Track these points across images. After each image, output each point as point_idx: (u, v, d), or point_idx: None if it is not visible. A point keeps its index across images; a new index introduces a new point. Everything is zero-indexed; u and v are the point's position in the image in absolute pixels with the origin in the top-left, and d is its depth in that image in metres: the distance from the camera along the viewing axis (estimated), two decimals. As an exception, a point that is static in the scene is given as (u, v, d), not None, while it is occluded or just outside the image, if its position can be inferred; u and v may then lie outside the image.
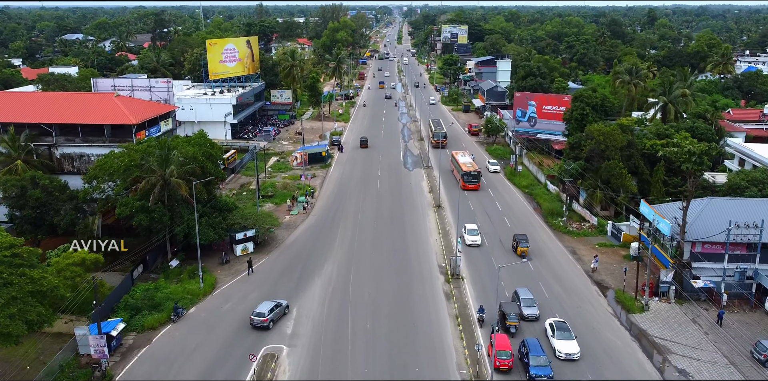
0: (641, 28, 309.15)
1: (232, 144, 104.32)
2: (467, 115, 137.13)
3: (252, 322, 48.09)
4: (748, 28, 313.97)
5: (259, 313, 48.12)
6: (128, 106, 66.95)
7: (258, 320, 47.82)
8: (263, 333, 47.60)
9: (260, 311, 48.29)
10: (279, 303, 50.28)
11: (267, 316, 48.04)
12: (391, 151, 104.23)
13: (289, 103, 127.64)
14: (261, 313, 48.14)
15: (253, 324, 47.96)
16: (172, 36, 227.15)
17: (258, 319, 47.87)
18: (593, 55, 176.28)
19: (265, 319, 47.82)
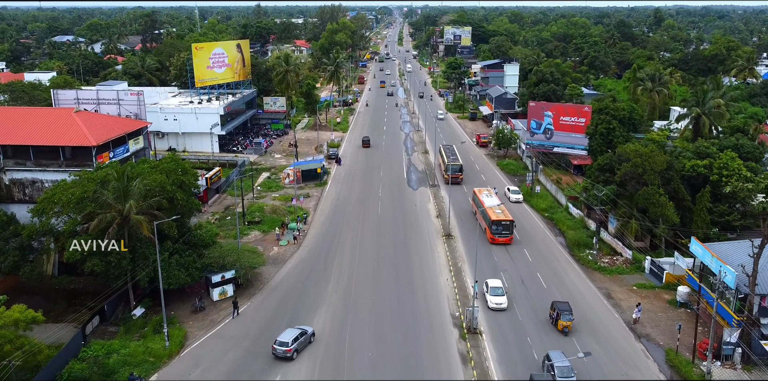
0: (648, 29, 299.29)
1: (219, 158, 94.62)
2: (474, 123, 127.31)
3: (274, 352, 43.68)
4: (757, 29, 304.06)
5: (282, 343, 43.64)
6: (89, 124, 57.24)
7: (281, 350, 43.42)
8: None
9: (283, 340, 43.79)
10: (304, 330, 45.75)
11: (291, 346, 43.56)
12: (393, 165, 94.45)
13: (283, 112, 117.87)
14: (284, 342, 43.65)
15: (276, 354, 43.60)
16: (165, 38, 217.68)
17: (281, 348, 43.43)
18: (605, 59, 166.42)
19: (288, 349, 43.41)
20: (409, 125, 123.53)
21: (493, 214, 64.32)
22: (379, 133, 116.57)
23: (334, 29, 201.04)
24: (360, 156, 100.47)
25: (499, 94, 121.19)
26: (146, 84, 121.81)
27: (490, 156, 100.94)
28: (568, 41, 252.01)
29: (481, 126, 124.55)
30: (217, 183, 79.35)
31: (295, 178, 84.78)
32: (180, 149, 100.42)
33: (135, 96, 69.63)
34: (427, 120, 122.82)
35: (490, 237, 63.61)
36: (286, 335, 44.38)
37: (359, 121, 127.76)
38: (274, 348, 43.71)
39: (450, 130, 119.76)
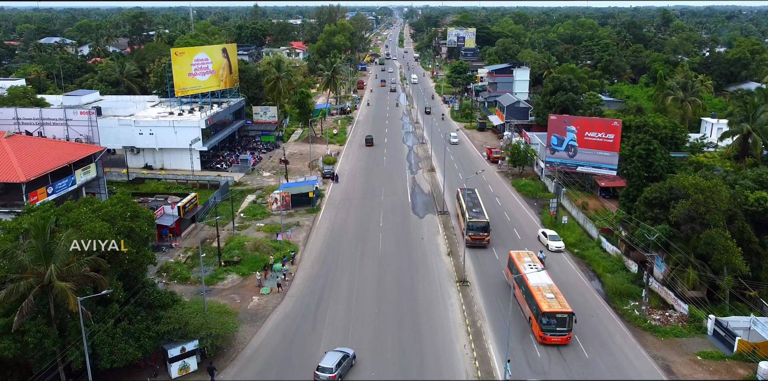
0: (656, 30, 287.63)
1: (200, 178, 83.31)
2: (483, 134, 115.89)
3: (317, 379, 39.99)
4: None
5: (325, 368, 40.03)
6: (23, 152, 46.08)
7: (325, 376, 39.75)
8: None
9: (326, 365, 40.15)
10: (346, 353, 41.89)
11: (335, 372, 39.79)
12: (395, 186, 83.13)
13: (275, 122, 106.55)
14: (327, 368, 40.01)
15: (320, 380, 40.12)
16: (156, 40, 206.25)
17: (324, 375, 39.80)
18: (620, 62, 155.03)
19: (333, 375, 39.68)
20: (412, 137, 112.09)
21: (543, 301, 45.10)
22: (380, 146, 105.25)
23: (332, 31, 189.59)
24: (359, 173, 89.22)
25: (510, 103, 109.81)
26: (125, 92, 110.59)
27: (503, 174, 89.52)
28: (575, 43, 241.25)
29: (491, 137, 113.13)
30: (193, 211, 68.01)
31: (284, 203, 73.59)
32: (157, 166, 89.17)
33: (86, 115, 58.19)
34: (435, 140, 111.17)
35: (539, 334, 44.71)
36: (328, 360, 40.55)
37: (358, 132, 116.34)
38: (316, 374, 39.93)
39: (458, 145, 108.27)
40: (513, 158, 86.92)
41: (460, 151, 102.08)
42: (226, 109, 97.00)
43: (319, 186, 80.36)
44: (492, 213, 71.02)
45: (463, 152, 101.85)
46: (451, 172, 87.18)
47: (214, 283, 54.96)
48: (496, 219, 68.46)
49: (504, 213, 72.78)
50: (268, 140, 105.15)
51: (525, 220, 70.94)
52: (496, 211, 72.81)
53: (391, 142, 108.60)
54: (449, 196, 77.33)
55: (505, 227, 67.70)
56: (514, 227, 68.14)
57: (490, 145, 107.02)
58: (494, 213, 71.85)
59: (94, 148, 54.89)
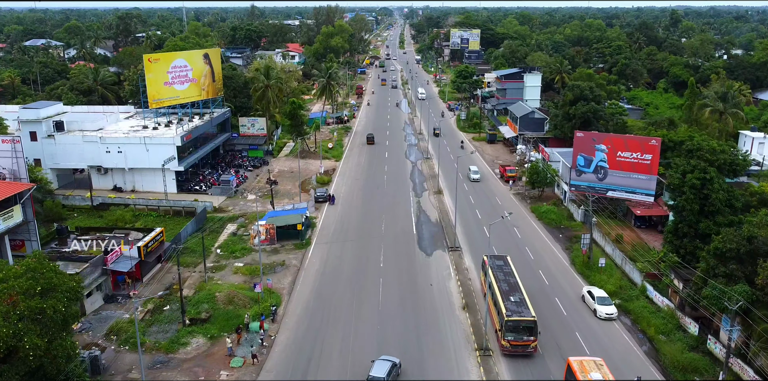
0: (665, 31, 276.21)
1: (175, 202, 72.13)
2: (493, 147, 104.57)
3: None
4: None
5: (377, 378, 38.34)
6: None
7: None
8: None
9: (378, 376, 38.55)
10: (393, 362, 40.27)
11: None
12: (398, 212, 71.94)
13: (263, 135, 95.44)
14: (379, 378, 38.35)
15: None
16: (145, 42, 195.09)
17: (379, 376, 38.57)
18: (637, 66, 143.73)
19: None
20: (416, 151, 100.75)
21: None
22: (381, 161, 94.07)
23: (330, 33, 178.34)
24: (356, 196, 78.03)
25: (524, 114, 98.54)
26: (98, 102, 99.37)
27: (520, 197, 78.27)
28: (583, 44, 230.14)
29: (503, 151, 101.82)
30: (159, 249, 56.88)
31: (268, 236, 62.49)
32: (128, 188, 78.04)
33: (9, 144, 46.90)
34: (442, 154, 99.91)
35: None
36: (379, 369, 39.16)
37: (356, 145, 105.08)
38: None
39: (468, 161, 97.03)
40: (532, 179, 75.68)
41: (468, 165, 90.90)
42: (207, 121, 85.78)
43: (310, 213, 69.25)
44: (511, 248, 60.00)
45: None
46: (461, 193, 75.91)
47: (174, 351, 43.79)
48: (516, 257, 57.34)
49: (526, 249, 61.61)
50: (256, 155, 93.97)
51: (552, 259, 59.72)
52: (515, 246, 61.74)
53: (393, 156, 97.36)
54: (461, 227, 66.01)
55: (531, 271, 56.42)
56: (541, 270, 56.94)
57: (501, 159, 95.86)
58: (514, 248, 60.75)
59: (19, 186, 43.60)
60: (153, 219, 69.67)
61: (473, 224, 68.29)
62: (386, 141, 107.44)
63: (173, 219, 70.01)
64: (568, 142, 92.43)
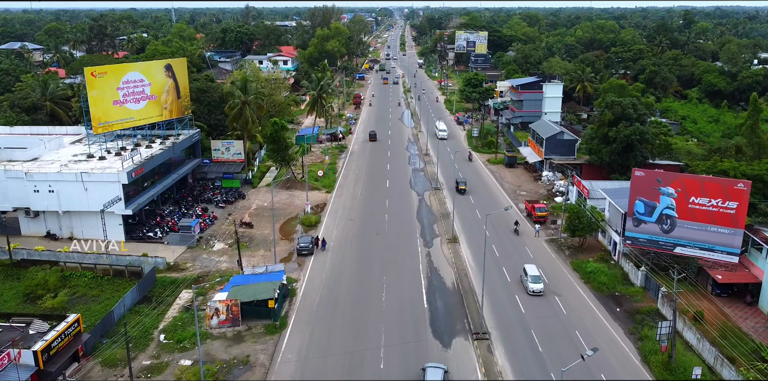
0: (679, 33, 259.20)
1: (117, 258, 55.63)
2: (513, 172, 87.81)
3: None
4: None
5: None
6: None
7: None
8: None
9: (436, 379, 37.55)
10: (444, 369, 38.63)
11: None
12: (402, 272, 55.35)
13: (240, 161, 78.98)
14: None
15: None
16: (126, 46, 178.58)
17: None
18: (667, 74, 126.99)
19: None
20: (422, 180, 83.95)
21: None
22: (382, 194, 77.52)
23: (325, 36, 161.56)
24: (350, 244, 61.53)
25: (551, 134, 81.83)
26: (45, 121, 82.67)
27: (556, 246, 61.56)
28: (596, 47, 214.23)
29: (526, 178, 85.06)
30: (75, 344, 40.40)
31: (230, 316, 46.03)
32: (64, 236, 61.67)
33: None
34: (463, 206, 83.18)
35: None
36: (433, 375, 37.82)
37: (352, 170, 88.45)
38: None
39: (484, 190, 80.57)
40: (572, 225, 59.06)
41: (486, 200, 74.31)
42: (169, 148, 69.21)
43: (290, 272, 52.91)
44: (556, 333, 43.54)
45: (491, 201, 74.01)
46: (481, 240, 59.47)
47: None
48: (565, 347, 40.86)
49: (576, 333, 45.04)
50: (232, 186, 77.43)
51: (615, 352, 43.07)
52: (561, 328, 45.25)
53: (395, 185, 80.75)
54: (489, 299, 49.37)
55: (589, 373, 39.89)
56: (603, 373, 40.33)
57: (525, 190, 79.23)
58: (559, 332, 44.23)
59: None
60: (87, 282, 53.34)
61: (501, 290, 51.73)
62: (387, 164, 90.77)
63: (113, 282, 53.58)
64: (605, 170, 76.17)
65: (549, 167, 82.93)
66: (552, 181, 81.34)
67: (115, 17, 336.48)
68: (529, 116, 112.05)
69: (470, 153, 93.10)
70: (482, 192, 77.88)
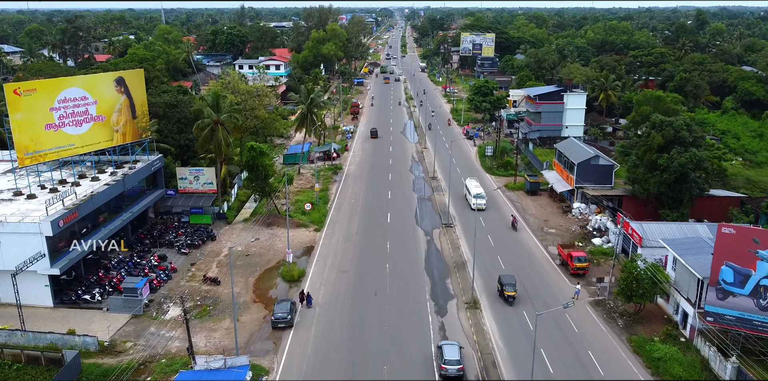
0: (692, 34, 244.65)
1: (32, 338, 41.78)
2: (536, 201, 73.77)
3: (446, 373, 37.92)
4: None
5: (452, 361, 38.08)
6: None
7: (454, 369, 37.87)
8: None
9: (453, 358, 38.24)
10: (461, 346, 40.04)
11: (462, 363, 38.29)
12: (409, 356, 41.51)
13: (212, 192, 65.12)
14: (454, 360, 38.17)
15: (448, 374, 37.88)
16: (107, 49, 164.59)
17: (453, 367, 37.90)
18: (699, 81, 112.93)
19: (461, 366, 38.13)
20: (430, 212, 69.65)
21: None
22: (380, 230, 63.60)
23: (321, 38, 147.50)
24: (341, 309, 47.67)
25: (584, 159, 67.74)
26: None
27: (605, 313, 47.46)
28: (608, 50, 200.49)
29: (552, 210, 70.96)
30: None
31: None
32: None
33: None
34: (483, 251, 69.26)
35: None
36: (451, 353, 38.62)
37: (346, 197, 74.59)
38: (444, 368, 37.92)
39: (504, 225, 66.74)
40: (628, 290, 45.10)
41: (509, 242, 60.54)
42: (118, 182, 55.38)
43: (261, 357, 39.16)
44: None
45: (515, 244, 60.21)
46: (501, 306, 45.55)
47: None
48: None
49: None
50: (201, 222, 63.64)
51: None
52: None
53: (398, 220, 66.81)
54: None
55: None
56: None
57: (553, 225, 65.31)
58: None
59: None
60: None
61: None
62: (388, 191, 76.79)
63: (22, 375, 39.76)
64: (652, 204, 62.35)
65: (581, 198, 69.04)
66: (585, 215, 67.49)
67: (101, 18, 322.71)
68: (548, 130, 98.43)
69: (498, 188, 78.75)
70: (503, 229, 64.01)
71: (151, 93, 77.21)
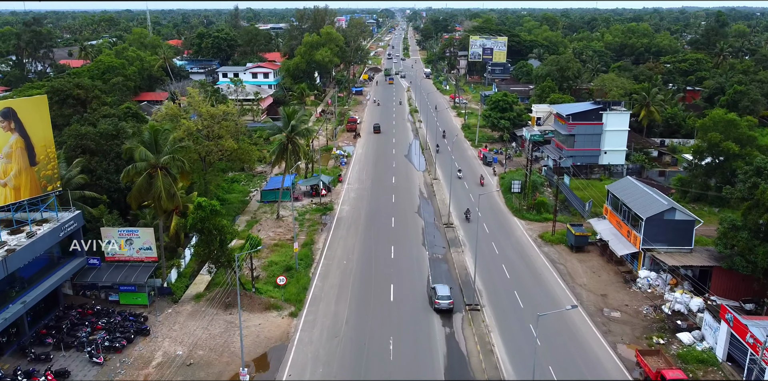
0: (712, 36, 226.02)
1: None
2: (584, 262, 55.40)
3: (438, 306, 44.64)
4: None
5: (444, 296, 45.01)
6: None
7: (446, 303, 44.76)
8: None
9: (444, 294, 45.18)
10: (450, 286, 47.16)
11: (452, 298, 45.23)
12: None
13: (152, 260, 47.10)
14: (446, 295, 45.08)
15: (440, 307, 44.63)
16: (79, 54, 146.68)
17: (445, 301, 44.80)
18: (757, 95, 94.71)
19: (451, 301, 44.96)
20: (448, 281, 51.68)
21: None
22: (380, 316, 45.57)
23: (314, 43, 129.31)
24: None
25: (655, 213, 49.51)
26: None
27: None
28: (627, 54, 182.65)
29: (608, 277, 52.67)
30: None
31: None
32: None
33: None
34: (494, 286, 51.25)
35: None
36: (443, 290, 45.34)
37: (335, 260, 56.46)
38: (437, 303, 44.34)
39: (547, 301, 48.76)
40: None
41: (560, 335, 42.63)
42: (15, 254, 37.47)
43: None
44: None
45: (567, 336, 42.28)
46: None
47: None
48: None
49: None
50: (135, 303, 45.73)
51: None
52: None
53: (405, 299, 48.72)
54: None
55: None
56: None
57: (614, 304, 47.19)
58: None
59: None
60: None
61: None
62: (391, 247, 58.55)
63: None
64: (759, 282, 44.32)
65: (649, 263, 50.94)
66: (655, 287, 49.46)
67: (88, 20, 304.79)
68: (583, 156, 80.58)
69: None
70: (549, 312, 45.85)
71: (88, 119, 59.41)
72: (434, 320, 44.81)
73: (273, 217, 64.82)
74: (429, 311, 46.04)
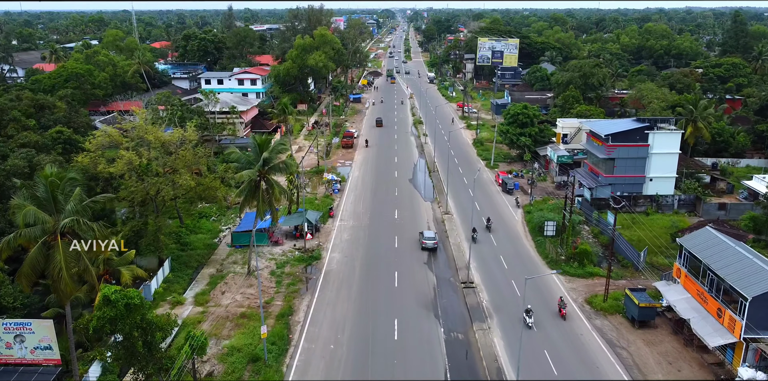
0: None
1: None
2: (653, 346, 40.47)
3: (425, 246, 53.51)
4: None
5: (430, 237, 53.97)
6: None
7: (431, 243, 53.62)
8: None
9: (430, 235, 54.34)
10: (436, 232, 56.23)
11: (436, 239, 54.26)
12: None
13: (53, 363, 32.43)
14: (431, 237, 54.05)
15: (427, 247, 53.47)
16: (49, 58, 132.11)
17: (431, 241, 53.65)
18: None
19: (436, 241, 54.01)
20: (468, 366, 37.10)
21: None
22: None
23: (307, 46, 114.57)
24: None
25: (765, 292, 34.97)
26: None
27: None
28: (645, 57, 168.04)
29: (689, 368, 38.02)
30: None
31: None
32: None
33: None
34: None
35: None
36: (429, 233, 54.84)
37: (320, 343, 41.83)
38: (424, 243, 53.53)
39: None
40: None
41: None
42: None
43: None
44: None
45: None
46: None
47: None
48: None
49: None
50: (25, 432, 31.17)
51: None
52: None
53: None
54: None
55: None
56: None
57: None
58: None
59: None
60: None
61: None
62: (394, 321, 43.59)
63: None
64: None
65: (755, 358, 36.31)
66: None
67: (77, 20, 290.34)
68: (623, 185, 66.12)
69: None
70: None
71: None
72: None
73: (244, 271, 50.23)
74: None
